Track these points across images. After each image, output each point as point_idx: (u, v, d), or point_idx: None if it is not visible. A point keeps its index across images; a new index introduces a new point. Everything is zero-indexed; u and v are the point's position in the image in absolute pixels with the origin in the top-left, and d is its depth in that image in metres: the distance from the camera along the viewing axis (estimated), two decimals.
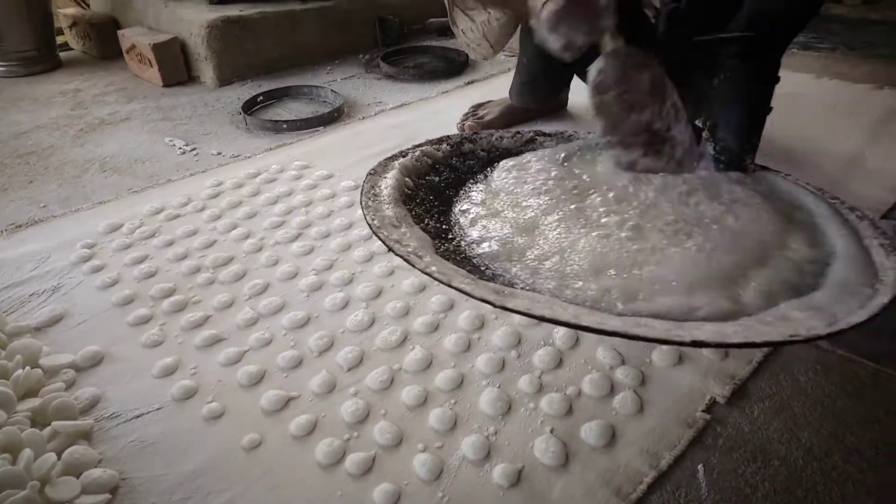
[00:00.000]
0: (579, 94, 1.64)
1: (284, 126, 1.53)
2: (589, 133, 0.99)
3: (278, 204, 1.18)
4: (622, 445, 0.67)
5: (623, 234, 0.74)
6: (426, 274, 0.66)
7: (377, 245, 1.05)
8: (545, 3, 0.84)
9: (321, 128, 1.55)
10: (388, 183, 0.86)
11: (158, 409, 0.73)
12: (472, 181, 0.94)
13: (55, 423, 0.68)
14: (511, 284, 0.69)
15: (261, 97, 1.69)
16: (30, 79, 1.93)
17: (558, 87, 1.52)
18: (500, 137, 1.04)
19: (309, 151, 1.41)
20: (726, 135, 0.80)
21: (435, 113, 1.65)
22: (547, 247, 0.75)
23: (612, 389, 0.74)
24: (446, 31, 2.39)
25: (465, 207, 0.87)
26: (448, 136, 1.02)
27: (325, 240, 1.08)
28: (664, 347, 0.79)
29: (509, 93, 1.53)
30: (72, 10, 2.19)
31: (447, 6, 1.24)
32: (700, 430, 0.69)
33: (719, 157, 0.83)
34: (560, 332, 0.83)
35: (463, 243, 0.78)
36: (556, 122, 1.55)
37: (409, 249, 0.70)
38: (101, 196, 1.22)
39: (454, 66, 1.98)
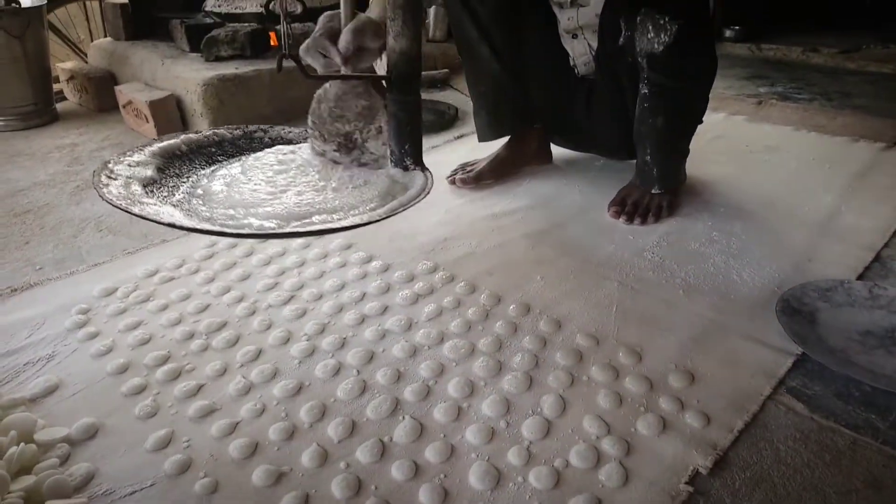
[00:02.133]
0: (564, 151, 1.70)
1: None
2: None
3: (271, 265, 1.21)
4: None
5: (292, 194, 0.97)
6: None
7: (368, 307, 1.07)
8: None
9: None
10: (160, 143, 1.05)
11: (152, 485, 0.74)
12: (244, 156, 1.12)
13: (49, 503, 0.69)
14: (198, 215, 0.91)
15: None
16: (27, 133, 1.96)
17: (524, 109, 1.53)
18: (289, 131, 1.20)
19: None
20: (390, 140, 1.02)
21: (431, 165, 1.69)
22: (239, 197, 0.95)
23: (599, 460, 0.76)
24: (436, 84, 2.46)
25: (214, 168, 1.06)
26: (247, 125, 1.19)
27: (317, 302, 1.10)
28: (649, 417, 0.81)
29: (479, 136, 1.57)
30: (70, 65, 2.24)
31: None
32: (683, 503, 0.70)
33: (390, 158, 1.04)
34: (548, 400, 0.85)
35: (182, 185, 1.00)
36: (544, 176, 1.59)
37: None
38: (97, 257, 1.24)
39: (444, 120, 2.03)
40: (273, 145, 1.14)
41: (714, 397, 0.86)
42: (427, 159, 1.74)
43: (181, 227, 0.84)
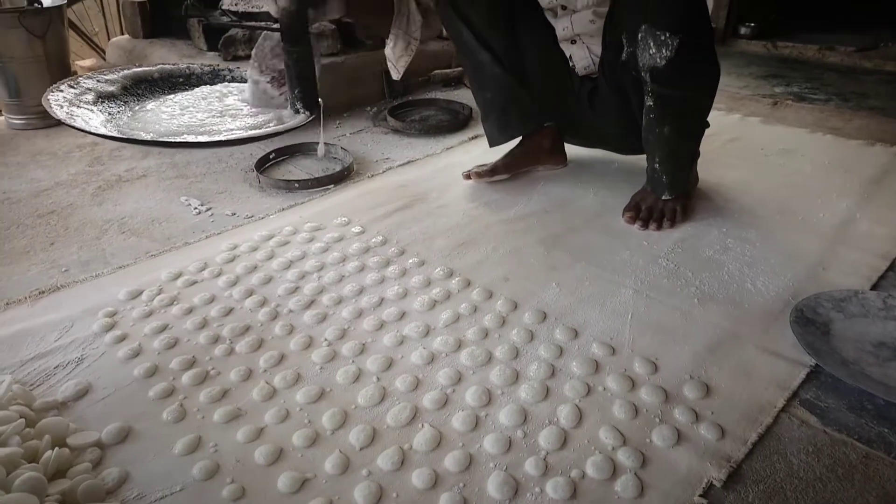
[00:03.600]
0: (577, 150, 1.70)
1: (296, 185, 1.58)
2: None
3: (291, 269, 1.23)
4: None
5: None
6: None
7: (386, 313, 1.09)
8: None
9: (331, 186, 1.61)
10: (137, 69, 1.31)
11: (181, 490, 0.76)
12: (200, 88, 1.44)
13: None
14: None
15: (273, 154, 1.75)
16: (47, 131, 1.99)
17: (532, 109, 1.53)
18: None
19: (320, 212, 1.46)
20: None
21: (440, 170, 1.71)
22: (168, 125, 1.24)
23: (615, 472, 0.78)
24: (450, 83, 2.46)
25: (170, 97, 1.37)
26: (220, 64, 1.50)
27: (337, 307, 1.12)
28: (664, 428, 0.83)
29: (489, 141, 1.58)
30: (88, 62, 2.27)
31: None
32: None
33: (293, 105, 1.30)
34: (564, 410, 0.86)
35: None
36: (558, 179, 1.60)
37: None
38: (121, 260, 1.27)
39: (458, 120, 2.04)
40: (232, 83, 1.35)
41: (728, 409, 0.87)
42: (442, 160, 1.79)
43: (84, 131, 1.13)
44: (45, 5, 1.92)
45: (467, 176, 1.58)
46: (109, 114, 1.16)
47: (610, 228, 1.38)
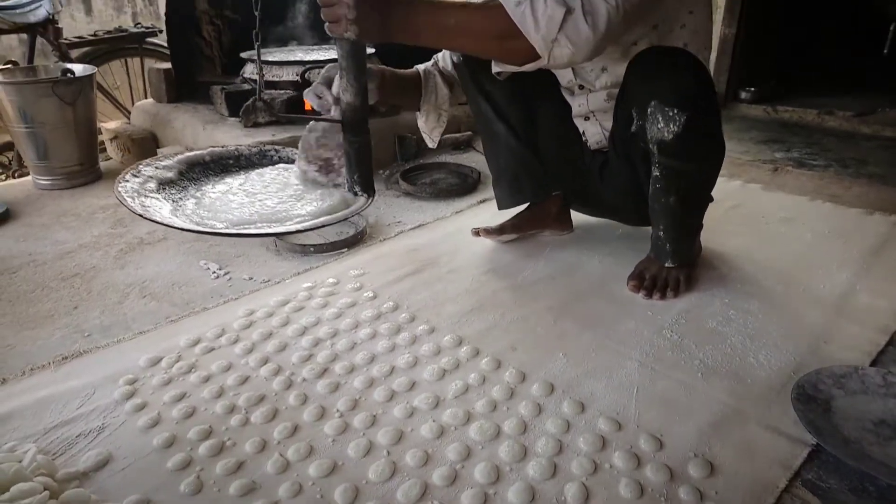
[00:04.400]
0: (583, 217, 1.75)
1: (311, 249, 1.64)
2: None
3: (305, 336, 1.27)
4: None
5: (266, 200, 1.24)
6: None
7: (397, 382, 1.12)
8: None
9: (345, 249, 1.66)
10: (188, 154, 1.29)
11: None
12: (252, 170, 1.37)
13: None
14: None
15: None
16: (72, 191, 2.08)
17: (543, 179, 1.59)
18: (296, 153, 1.35)
19: (333, 276, 1.51)
20: (346, 171, 1.26)
21: (450, 234, 1.76)
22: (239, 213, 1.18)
23: None
24: (460, 146, 2.55)
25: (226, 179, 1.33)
26: (265, 144, 1.48)
27: (349, 375, 1.15)
28: None
29: (498, 204, 1.63)
30: (114, 125, 2.37)
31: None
32: None
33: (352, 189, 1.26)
34: (571, 489, 0.88)
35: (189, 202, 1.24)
36: (564, 245, 1.65)
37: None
38: (141, 325, 1.31)
39: (467, 184, 2.11)
40: (280, 163, 1.39)
41: (732, 489, 0.89)
42: (452, 224, 1.85)
43: (157, 222, 1.11)
44: (77, 74, 2.03)
45: (476, 232, 1.64)
46: (174, 201, 1.20)
47: (615, 297, 1.42)
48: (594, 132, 1.52)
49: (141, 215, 1.11)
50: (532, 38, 1.07)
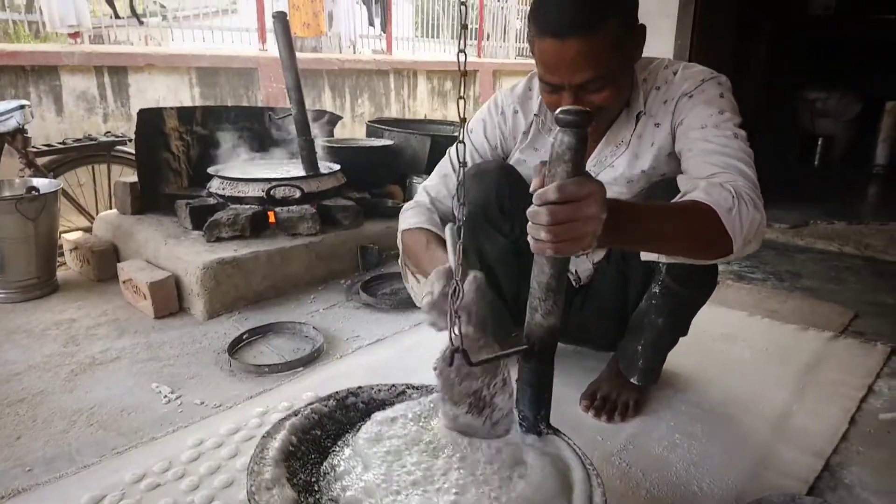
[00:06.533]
0: None
1: (266, 370, 1.64)
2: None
3: None
4: None
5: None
6: None
7: None
8: (425, 295, 1.07)
9: (301, 368, 1.67)
10: (275, 445, 1.00)
11: None
12: (349, 433, 1.08)
13: None
14: None
15: (246, 334, 1.82)
16: (26, 304, 2.05)
17: (512, 323, 1.55)
18: (378, 390, 1.19)
19: (286, 400, 1.51)
20: (524, 408, 1.02)
21: (407, 351, 1.79)
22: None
23: None
24: None
25: (335, 461, 1.01)
26: (337, 392, 1.15)
27: None
28: None
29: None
30: (74, 237, 2.38)
31: (401, 271, 1.48)
32: None
33: (521, 423, 1.03)
34: None
35: (323, 499, 0.93)
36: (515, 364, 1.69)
37: None
38: (87, 457, 1.28)
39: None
40: (368, 411, 1.13)
41: None
42: (409, 339, 1.88)
43: None
44: (41, 190, 2.07)
45: (440, 374, 1.61)
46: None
47: (566, 419, 1.42)
48: (585, 268, 1.52)
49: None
50: (736, 241, 1.04)
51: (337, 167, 2.57)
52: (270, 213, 2.29)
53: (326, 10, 6.60)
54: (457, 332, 0.92)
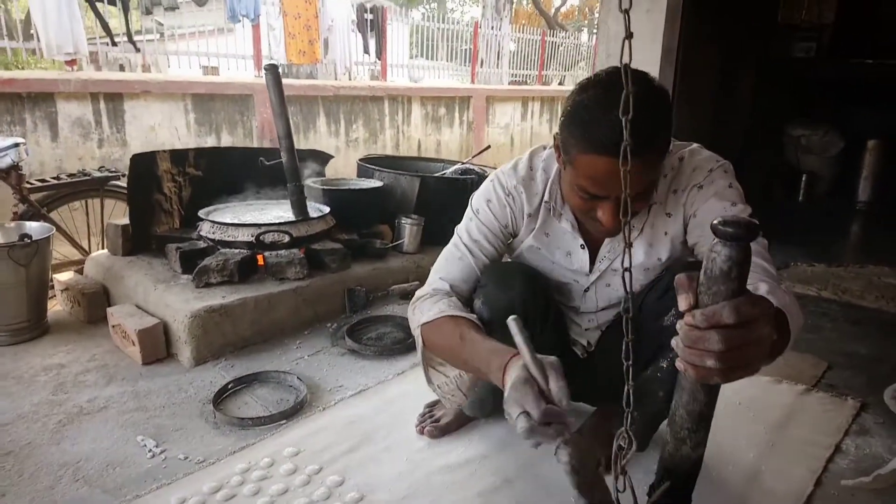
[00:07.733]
0: None
1: (250, 423, 1.68)
2: None
3: None
4: None
5: None
6: None
7: None
8: (519, 414, 0.98)
9: (284, 421, 1.70)
10: None
11: None
12: None
13: None
14: None
15: (231, 384, 1.86)
16: (15, 348, 2.08)
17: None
18: None
19: (268, 456, 1.54)
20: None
21: (389, 402, 1.83)
22: None
23: None
24: (408, 296, 2.67)
25: None
26: None
27: None
28: None
29: (466, 408, 1.62)
30: (66, 277, 2.42)
31: (423, 367, 1.42)
32: None
33: None
34: None
35: None
36: (497, 418, 1.73)
37: None
38: None
39: (412, 337, 2.21)
40: None
41: None
42: (393, 388, 1.92)
43: None
44: (34, 237, 2.11)
45: (420, 431, 1.64)
46: None
47: (544, 481, 1.49)
48: (595, 336, 1.54)
49: None
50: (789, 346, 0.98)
51: (326, 209, 2.62)
52: (259, 257, 2.34)
53: (322, 38, 6.71)
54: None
